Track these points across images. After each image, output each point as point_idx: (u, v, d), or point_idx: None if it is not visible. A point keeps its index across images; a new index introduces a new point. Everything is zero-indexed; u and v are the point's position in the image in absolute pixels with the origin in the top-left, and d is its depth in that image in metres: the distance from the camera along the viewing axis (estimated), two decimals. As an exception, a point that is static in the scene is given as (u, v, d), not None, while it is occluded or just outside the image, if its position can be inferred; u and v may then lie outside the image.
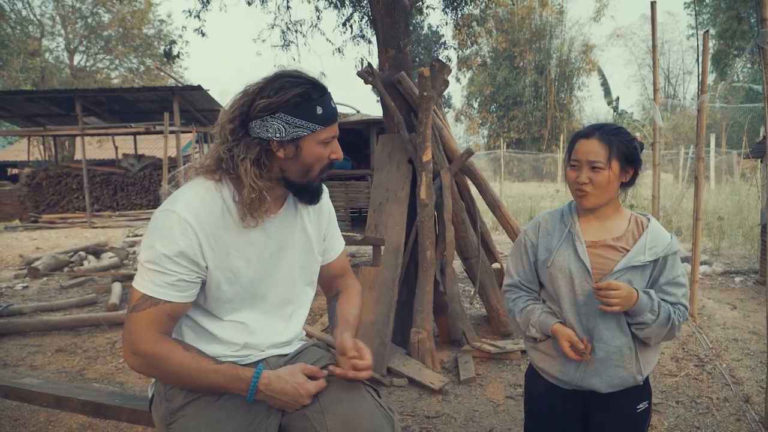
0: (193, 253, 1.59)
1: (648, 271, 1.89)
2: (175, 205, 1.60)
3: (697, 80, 5.51)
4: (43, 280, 8.19)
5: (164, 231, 1.57)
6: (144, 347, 1.56)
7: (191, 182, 1.70)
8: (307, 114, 1.60)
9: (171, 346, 1.59)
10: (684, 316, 1.89)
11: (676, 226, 11.09)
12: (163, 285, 1.57)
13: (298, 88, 1.59)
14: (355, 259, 9.58)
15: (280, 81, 1.61)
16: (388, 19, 4.94)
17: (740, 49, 26.75)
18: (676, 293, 1.89)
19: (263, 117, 1.59)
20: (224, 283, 1.67)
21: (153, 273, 1.57)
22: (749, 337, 5.11)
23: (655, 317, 1.83)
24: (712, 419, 3.54)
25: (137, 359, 1.58)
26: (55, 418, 3.61)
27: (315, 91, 1.62)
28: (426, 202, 4.55)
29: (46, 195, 17.76)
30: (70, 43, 30.51)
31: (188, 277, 1.60)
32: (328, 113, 1.64)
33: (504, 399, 3.94)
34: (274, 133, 1.60)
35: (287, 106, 1.58)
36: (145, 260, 1.58)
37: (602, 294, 1.79)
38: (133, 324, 1.58)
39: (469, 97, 37.58)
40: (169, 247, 1.56)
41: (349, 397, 1.70)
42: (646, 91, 39.64)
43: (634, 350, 1.92)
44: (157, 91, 16.37)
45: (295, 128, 1.60)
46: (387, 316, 4.31)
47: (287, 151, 1.64)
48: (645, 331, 1.87)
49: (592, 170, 1.87)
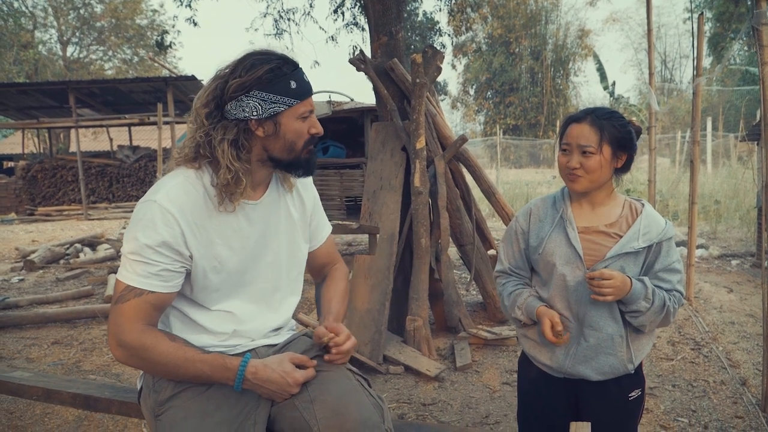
0: (176, 242, 1.57)
1: (641, 258, 1.86)
2: (157, 195, 1.58)
3: (693, 64, 5.47)
4: (39, 273, 8.18)
5: (146, 221, 1.55)
6: (128, 338, 1.55)
7: (172, 172, 1.68)
8: (282, 89, 1.59)
9: (156, 337, 1.57)
10: (680, 302, 1.86)
11: (673, 210, 11.10)
12: (146, 275, 1.56)
13: (269, 64, 1.58)
14: (351, 248, 9.57)
15: (250, 59, 1.59)
16: (380, 5, 4.90)
17: (737, 31, 26.66)
18: (671, 279, 1.87)
19: (238, 97, 1.58)
20: (210, 271, 1.66)
21: (136, 264, 1.56)
22: (746, 320, 5.11)
23: (650, 305, 1.81)
24: (709, 402, 3.55)
25: (122, 351, 1.57)
26: (51, 411, 3.61)
27: (286, 66, 1.61)
28: (420, 190, 4.53)
29: (41, 187, 17.73)
30: (63, 34, 30.38)
31: (172, 266, 1.59)
32: (302, 87, 1.63)
33: (500, 385, 3.94)
34: (250, 111, 1.58)
35: (260, 83, 1.57)
36: (128, 251, 1.57)
37: (595, 284, 1.78)
38: (117, 315, 1.56)
39: (465, 83, 37.46)
40: (151, 237, 1.54)
41: (339, 387, 1.69)
42: (642, 75, 39.56)
43: (625, 338, 1.90)
44: (151, 81, 16.29)
45: (272, 104, 1.58)
46: (383, 304, 4.30)
47: (266, 128, 1.62)
48: (639, 319, 1.85)
49: (582, 155, 1.84)
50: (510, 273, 2.09)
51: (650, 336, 1.98)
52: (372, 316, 4.29)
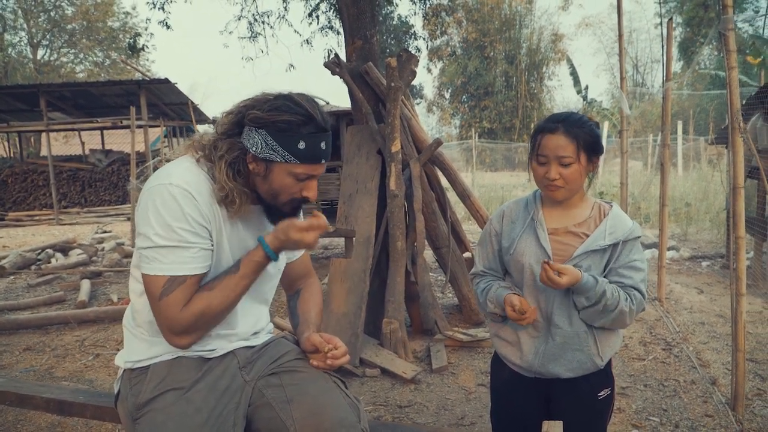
0: (204, 220, 1.60)
1: (607, 256, 1.90)
2: (171, 178, 1.59)
3: (662, 68, 5.57)
4: (10, 279, 8.05)
5: (171, 206, 1.55)
6: (185, 323, 1.57)
7: (176, 160, 1.70)
8: (288, 143, 1.57)
9: (200, 299, 1.59)
10: (639, 303, 1.88)
11: (645, 213, 11.26)
12: (186, 260, 1.57)
13: (290, 116, 1.57)
14: (326, 251, 9.56)
15: (281, 101, 1.59)
16: (354, 9, 4.92)
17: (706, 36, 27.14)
18: (632, 276, 1.89)
19: (251, 127, 1.59)
20: (213, 258, 1.67)
21: (173, 251, 1.55)
22: (715, 321, 5.21)
23: (591, 304, 1.84)
24: (680, 401, 3.61)
25: (185, 337, 1.61)
26: (24, 417, 3.56)
27: (307, 125, 1.58)
28: (396, 193, 4.55)
29: (11, 192, 17.41)
30: (33, 37, 29.84)
31: (205, 245, 1.61)
32: (312, 152, 1.60)
33: (476, 386, 3.97)
34: (252, 145, 1.59)
35: (272, 128, 1.57)
36: (158, 238, 1.55)
37: (546, 267, 1.80)
38: (166, 310, 1.56)
39: (441, 87, 37.56)
40: (177, 218, 1.55)
41: (316, 388, 1.70)
42: (614, 79, 40.02)
43: (591, 333, 1.93)
44: (124, 84, 16.14)
45: (271, 151, 1.58)
46: (359, 307, 4.31)
47: (258, 167, 1.63)
48: (582, 313, 1.89)
49: (561, 165, 1.86)
50: (484, 274, 2.12)
51: (616, 333, 2.01)
52: (348, 319, 4.30)
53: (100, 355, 4.79)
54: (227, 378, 1.73)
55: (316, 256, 8.92)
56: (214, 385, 1.70)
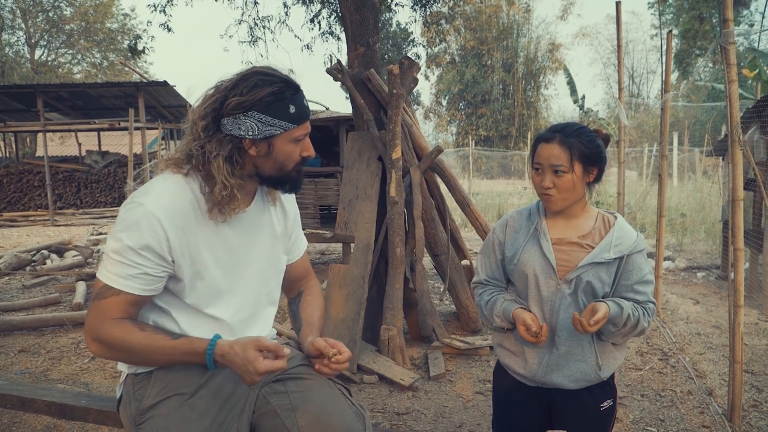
0: (160, 247, 1.57)
1: (613, 269, 1.90)
2: (145, 198, 1.58)
3: (661, 79, 5.60)
4: (5, 280, 8.01)
5: (131, 223, 1.56)
6: (101, 333, 1.57)
7: (161, 176, 1.68)
8: (280, 113, 1.59)
9: (127, 329, 1.57)
10: (653, 312, 1.92)
11: (641, 223, 11.30)
12: (126, 277, 1.56)
13: (270, 87, 1.58)
14: (324, 257, 9.56)
15: (253, 79, 1.59)
16: (357, 15, 4.93)
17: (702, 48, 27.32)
18: (646, 291, 1.91)
19: (236, 115, 1.58)
20: (195, 278, 1.66)
21: (117, 264, 1.56)
22: (712, 331, 5.23)
23: (618, 329, 1.86)
24: (677, 412, 3.62)
25: (97, 345, 1.59)
26: (19, 420, 3.54)
27: (288, 89, 1.61)
28: (396, 200, 4.56)
29: (7, 192, 17.36)
30: (31, 37, 29.79)
31: (153, 270, 1.59)
32: (300, 112, 1.63)
33: (473, 394, 3.97)
34: (246, 131, 1.58)
35: (260, 105, 1.57)
36: (111, 250, 1.57)
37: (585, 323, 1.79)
38: (94, 312, 1.58)
39: (438, 94, 37.65)
40: (135, 239, 1.55)
41: (321, 395, 1.70)
42: (611, 89, 40.22)
43: (592, 344, 1.95)
44: (122, 86, 16.09)
45: (268, 127, 1.59)
46: (357, 314, 4.31)
47: (259, 149, 1.63)
48: (609, 337, 1.91)
49: (554, 174, 1.87)
50: (486, 283, 2.12)
51: (621, 345, 2.03)
52: (346, 325, 4.30)
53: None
54: (231, 384, 1.72)
55: (314, 261, 8.91)
56: (218, 391, 1.70)
